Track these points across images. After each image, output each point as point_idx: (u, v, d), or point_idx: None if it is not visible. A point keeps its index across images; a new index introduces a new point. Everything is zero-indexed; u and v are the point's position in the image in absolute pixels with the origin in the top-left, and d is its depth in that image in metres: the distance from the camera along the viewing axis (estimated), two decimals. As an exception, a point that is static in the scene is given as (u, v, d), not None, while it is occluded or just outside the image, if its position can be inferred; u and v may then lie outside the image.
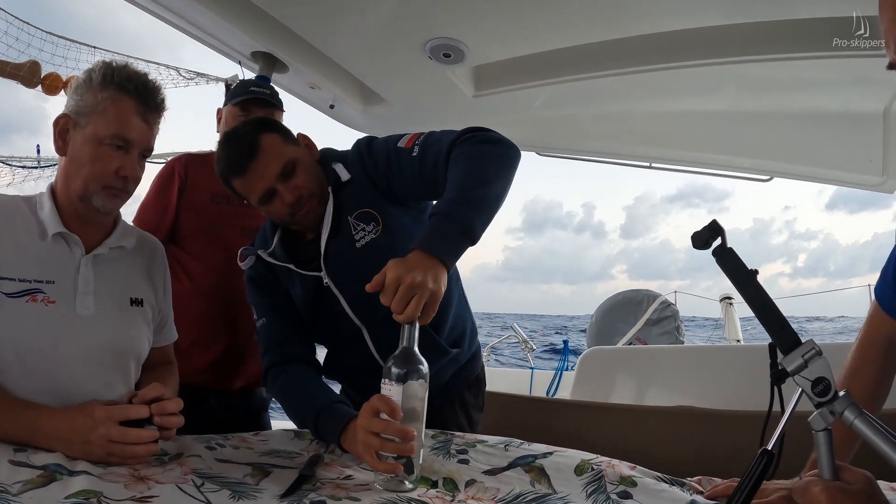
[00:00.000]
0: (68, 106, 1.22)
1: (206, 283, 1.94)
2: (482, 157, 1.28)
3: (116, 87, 1.19)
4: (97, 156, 1.18)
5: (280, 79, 2.80)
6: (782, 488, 1.01)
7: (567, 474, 1.06)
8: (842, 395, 0.73)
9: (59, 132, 1.22)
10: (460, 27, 2.32)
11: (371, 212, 1.41)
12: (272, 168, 1.35)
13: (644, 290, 5.42)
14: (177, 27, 2.48)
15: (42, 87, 4.55)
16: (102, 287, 1.23)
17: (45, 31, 4.45)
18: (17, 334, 1.10)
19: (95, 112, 1.18)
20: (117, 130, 1.18)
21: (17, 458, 0.95)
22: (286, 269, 1.45)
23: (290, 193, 1.36)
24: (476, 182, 1.23)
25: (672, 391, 2.57)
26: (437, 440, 1.25)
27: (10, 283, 1.12)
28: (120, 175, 1.20)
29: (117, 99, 1.19)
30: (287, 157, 1.37)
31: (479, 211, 1.21)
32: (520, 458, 1.13)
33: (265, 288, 1.49)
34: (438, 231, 1.17)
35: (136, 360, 1.30)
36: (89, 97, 1.19)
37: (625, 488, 1.01)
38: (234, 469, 1.07)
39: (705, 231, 0.83)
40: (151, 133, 1.25)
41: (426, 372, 1.05)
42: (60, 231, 1.19)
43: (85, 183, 1.19)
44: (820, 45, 2.19)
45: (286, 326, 1.45)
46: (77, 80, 1.24)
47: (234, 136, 1.39)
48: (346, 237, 1.40)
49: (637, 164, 3.74)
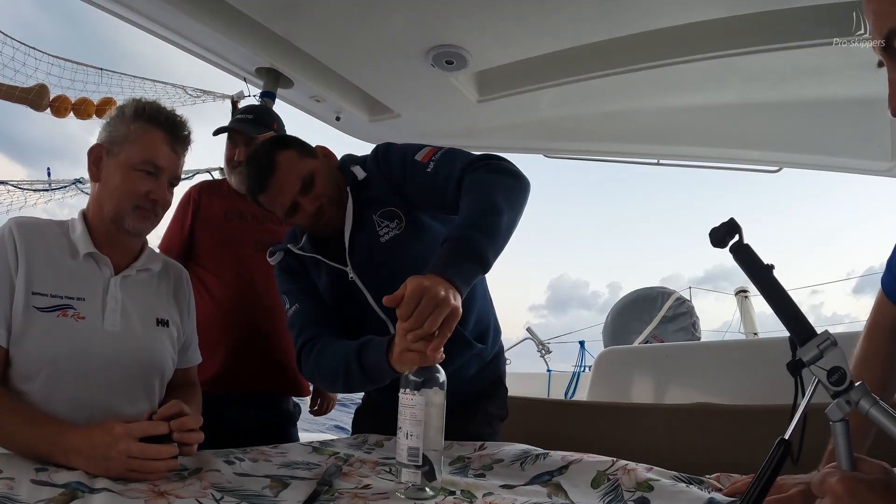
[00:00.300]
0: (101, 137, 1.33)
1: (225, 297, 2.01)
2: (495, 187, 1.31)
3: (147, 118, 1.30)
4: (129, 180, 1.28)
5: (285, 93, 2.82)
6: (801, 483, 1.00)
7: (584, 489, 1.07)
8: (858, 385, 0.72)
9: (94, 160, 1.32)
10: (461, 34, 2.33)
11: (394, 210, 1.47)
12: (291, 183, 1.43)
13: (658, 287, 5.40)
14: (181, 47, 2.52)
15: (51, 109, 4.62)
16: (130, 306, 1.30)
17: (50, 54, 4.52)
18: (47, 346, 1.15)
19: (128, 141, 1.29)
20: (148, 157, 1.29)
21: (38, 477, 0.96)
22: (314, 261, 1.50)
23: (310, 205, 1.44)
24: (489, 211, 1.25)
25: (690, 388, 2.55)
26: (454, 466, 1.25)
27: (42, 297, 1.18)
28: (150, 198, 1.30)
29: (148, 129, 1.30)
30: (305, 171, 1.44)
31: (492, 239, 1.23)
32: (536, 477, 1.14)
33: (296, 275, 1.54)
34: (452, 256, 1.18)
35: (160, 377, 1.34)
36: (122, 128, 1.30)
37: (642, 494, 1.01)
38: (253, 482, 1.07)
39: (723, 228, 0.83)
40: (179, 162, 1.35)
41: (443, 380, 1.06)
42: (91, 251, 1.27)
43: (117, 204, 1.28)
44: (822, 32, 2.18)
45: (318, 310, 1.49)
46: (109, 113, 1.36)
47: (254, 156, 1.49)
48: (371, 233, 1.45)
49: (645, 161, 3.72)
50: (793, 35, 2.26)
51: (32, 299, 1.17)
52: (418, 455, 1.02)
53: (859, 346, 1.17)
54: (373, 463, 1.26)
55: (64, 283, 1.22)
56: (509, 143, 3.53)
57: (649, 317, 4.98)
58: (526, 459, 1.22)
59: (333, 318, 1.50)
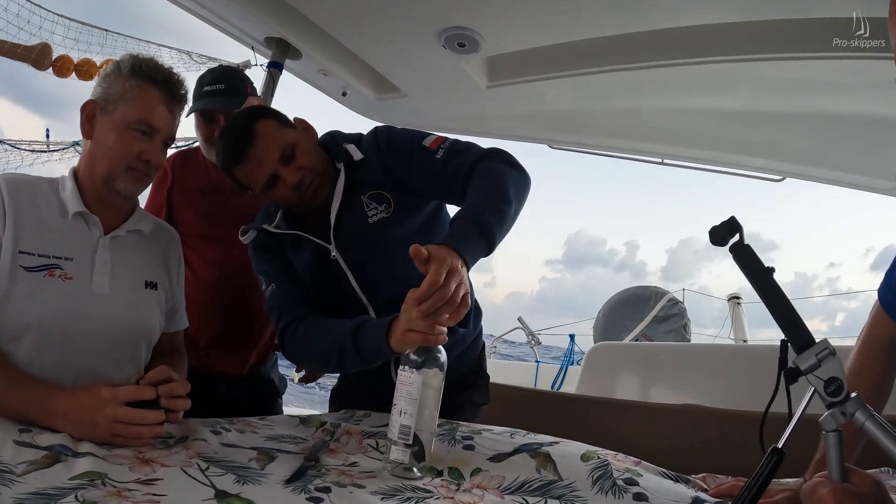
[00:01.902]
0: (95, 93, 1.28)
1: (208, 276, 1.97)
2: (506, 177, 1.34)
3: (144, 76, 1.26)
4: (123, 139, 1.24)
5: (293, 65, 2.79)
6: (787, 489, 1.00)
7: (573, 460, 1.06)
8: (854, 397, 0.72)
9: (87, 117, 1.28)
10: (476, 16, 2.30)
11: (384, 193, 1.45)
12: (271, 153, 1.38)
13: (652, 286, 5.40)
14: (190, 11, 2.48)
15: (53, 69, 4.57)
16: (118, 268, 1.27)
17: (55, 13, 4.47)
18: (33, 307, 1.13)
19: (123, 99, 1.25)
20: (143, 116, 1.25)
21: (21, 438, 0.95)
22: (294, 239, 1.47)
23: (292, 176, 1.39)
24: (500, 198, 1.29)
25: (678, 389, 2.56)
26: (441, 428, 1.25)
27: (29, 257, 1.15)
28: (143, 158, 1.26)
29: (144, 88, 1.26)
30: (285, 141, 1.40)
31: (501, 224, 1.26)
32: (525, 445, 1.13)
33: (272, 254, 1.51)
34: (464, 231, 1.20)
35: (146, 341, 1.32)
36: (118, 85, 1.26)
37: (631, 476, 1.00)
38: (240, 453, 1.07)
39: (723, 227, 0.82)
40: (174, 122, 1.32)
41: (443, 361, 1.07)
42: (81, 210, 1.24)
43: (110, 164, 1.25)
44: (836, 46, 2.16)
45: (296, 289, 1.46)
46: (105, 69, 1.31)
47: (230, 127, 1.43)
48: (359, 213, 1.43)
49: (649, 160, 3.71)
50: (807, 46, 2.24)
51: (19, 258, 1.14)
52: (409, 433, 1.02)
53: (852, 359, 1.17)
54: (360, 436, 1.25)
55: (52, 243, 1.19)
56: (515, 131, 3.51)
57: (641, 315, 4.99)
58: (516, 432, 1.22)
59: (314, 299, 1.47)
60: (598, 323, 5.46)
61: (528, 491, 0.98)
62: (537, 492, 0.98)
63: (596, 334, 5.46)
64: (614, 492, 0.96)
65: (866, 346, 1.17)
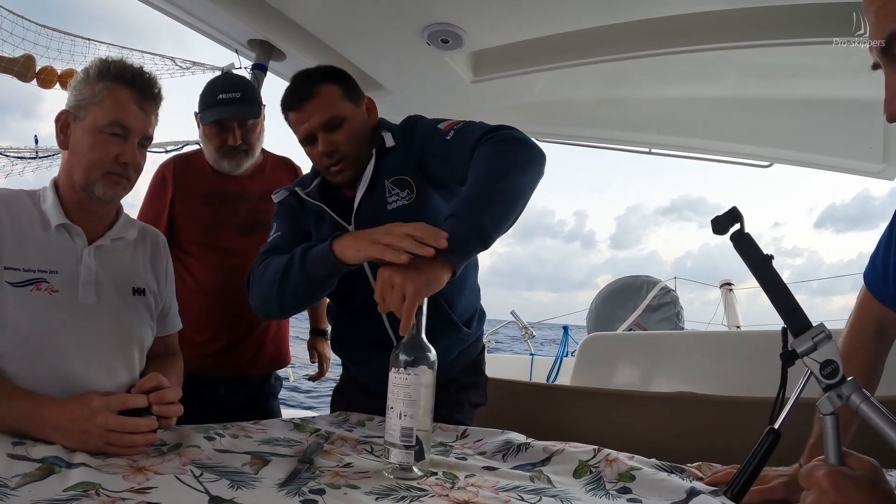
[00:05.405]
0: (68, 102, 1.26)
1: (210, 284, 1.96)
2: (501, 158, 1.30)
3: (112, 77, 1.23)
4: (97, 144, 1.21)
5: (277, 66, 2.77)
6: (783, 475, 1.01)
7: (565, 478, 1.08)
8: (850, 380, 0.73)
9: (61, 127, 1.26)
10: (458, 12, 2.30)
11: (407, 179, 1.46)
12: (319, 116, 1.42)
13: (644, 276, 5.42)
14: (172, 16, 2.46)
15: (37, 80, 4.53)
16: (105, 277, 1.26)
17: (39, 24, 4.42)
18: (22, 322, 1.12)
19: (93, 103, 1.22)
20: (115, 118, 1.22)
21: (15, 451, 0.94)
22: (318, 211, 1.50)
23: (325, 145, 1.43)
24: (491, 185, 1.25)
25: (672, 377, 2.57)
26: (435, 450, 1.25)
27: (14, 272, 1.14)
28: (120, 161, 1.23)
29: (113, 89, 1.23)
30: (336, 112, 1.43)
31: (494, 213, 1.23)
32: (518, 466, 1.14)
33: (293, 215, 1.54)
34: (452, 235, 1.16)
35: (139, 347, 1.31)
36: (87, 90, 1.23)
37: (623, 484, 1.02)
38: (233, 458, 1.06)
39: (725, 216, 0.84)
40: (149, 121, 1.28)
41: (434, 359, 1.06)
42: (63, 222, 1.22)
43: (86, 171, 1.22)
44: (821, 31, 2.17)
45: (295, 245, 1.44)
46: (75, 77, 1.28)
47: (303, 75, 1.49)
48: (380, 199, 1.45)
49: (637, 149, 3.72)
50: (791, 32, 2.25)
51: (5, 274, 1.13)
52: (412, 435, 1.01)
53: (841, 343, 1.17)
54: (354, 441, 1.25)
55: (36, 257, 1.18)
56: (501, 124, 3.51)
57: (634, 305, 5.00)
58: (508, 451, 1.22)
59: None
60: (591, 314, 5.47)
61: (524, 490, 0.99)
62: (532, 492, 0.98)
63: (589, 325, 5.47)
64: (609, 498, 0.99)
65: (855, 329, 1.17)
